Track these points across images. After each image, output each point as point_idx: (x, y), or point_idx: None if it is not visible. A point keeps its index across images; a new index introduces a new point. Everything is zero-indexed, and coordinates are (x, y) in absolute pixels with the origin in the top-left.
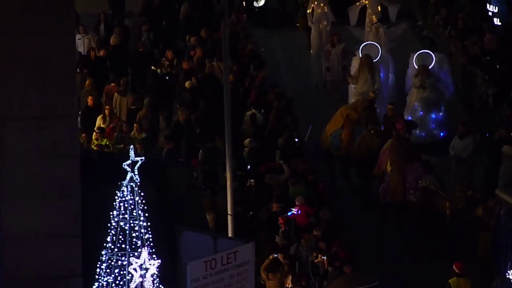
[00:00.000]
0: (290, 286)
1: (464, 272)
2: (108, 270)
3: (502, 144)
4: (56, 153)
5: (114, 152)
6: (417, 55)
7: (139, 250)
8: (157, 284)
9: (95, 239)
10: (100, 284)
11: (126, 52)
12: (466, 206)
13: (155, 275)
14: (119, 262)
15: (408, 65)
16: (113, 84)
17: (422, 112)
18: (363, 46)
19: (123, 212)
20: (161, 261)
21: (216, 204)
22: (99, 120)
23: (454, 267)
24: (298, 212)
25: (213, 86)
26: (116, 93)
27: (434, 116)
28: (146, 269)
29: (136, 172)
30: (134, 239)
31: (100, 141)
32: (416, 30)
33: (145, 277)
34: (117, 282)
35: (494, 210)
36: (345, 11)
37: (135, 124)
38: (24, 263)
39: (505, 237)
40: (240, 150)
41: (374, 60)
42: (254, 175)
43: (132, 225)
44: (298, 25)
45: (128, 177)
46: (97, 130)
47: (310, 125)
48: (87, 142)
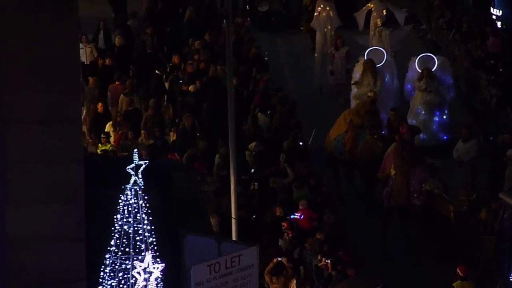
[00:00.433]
0: None
1: (468, 275)
2: (112, 274)
3: (506, 148)
4: (60, 157)
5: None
6: (419, 59)
7: (143, 254)
8: None
9: (99, 243)
10: None
11: (130, 53)
12: (470, 210)
13: (159, 279)
14: (123, 266)
15: (408, 69)
16: (118, 83)
17: (426, 116)
18: (369, 51)
19: (127, 216)
20: (165, 265)
21: (221, 208)
22: (109, 127)
23: (458, 270)
24: (301, 217)
25: (217, 90)
26: (122, 95)
27: (438, 119)
28: (150, 273)
29: (140, 176)
30: (138, 243)
31: (104, 146)
32: (420, 34)
33: (149, 281)
34: (121, 286)
35: (498, 213)
36: (351, 15)
37: (143, 131)
38: (28, 267)
39: (509, 241)
40: (242, 153)
41: (379, 65)
42: (258, 179)
43: (136, 229)
44: (302, 29)
45: (132, 181)
46: (103, 135)
47: (314, 129)
48: (96, 149)
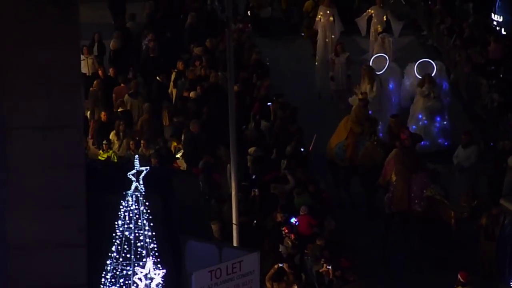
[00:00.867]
0: None
1: (469, 281)
2: (113, 280)
3: (507, 154)
4: (61, 163)
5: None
6: (418, 64)
7: (144, 260)
8: None
9: (100, 249)
10: None
11: (128, 56)
12: (471, 216)
13: (160, 285)
14: (124, 272)
15: (404, 76)
16: (123, 85)
17: (427, 121)
18: (374, 59)
19: (128, 222)
20: (166, 271)
21: (222, 214)
22: (112, 136)
23: (459, 276)
24: (296, 224)
25: (218, 96)
26: (127, 95)
27: (438, 125)
28: (151, 279)
29: (141, 182)
30: (139, 249)
31: (107, 153)
32: (421, 40)
33: (150, 287)
34: None
35: (499, 219)
36: (351, 20)
37: (142, 141)
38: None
39: (510, 246)
40: (244, 159)
41: (381, 72)
42: (259, 185)
43: (137, 235)
44: (303, 35)
45: (133, 187)
46: (105, 142)
47: (315, 135)
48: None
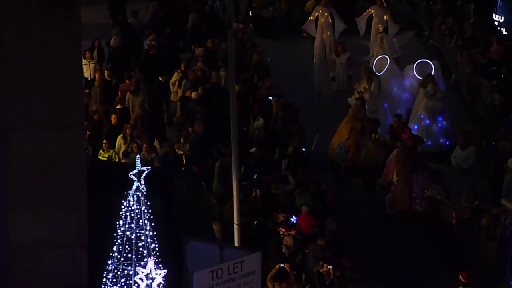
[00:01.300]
0: None
1: (470, 282)
2: (115, 280)
3: (508, 155)
4: (63, 163)
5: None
6: (417, 65)
7: (145, 260)
8: None
9: (102, 249)
10: None
11: (130, 52)
12: (472, 216)
13: (161, 285)
14: (125, 272)
15: (404, 77)
16: (128, 82)
17: (429, 121)
18: (376, 60)
19: (129, 222)
20: (167, 271)
21: (223, 214)
22: (119, 140)
23: (460, 277)
24: (295, 221)
25: (219, 96)
26: (129, 92)
27: (440, 125)
28: (152, 279)
29: (142, 182)
30: (140, 249)
31: (107, 152)
32: (422, 40)
33: (151, 287)
34: None
35: (499, 219)
36: (351, 20)
37: (144, 145)
38: (31, 273)
39: (511, 247)
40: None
41: (381, 73)
42: (260, 185)
43: (138, 235)
44: (305, 35)
45: (134, 187)
46: (105, 141)
47: (317, 135)
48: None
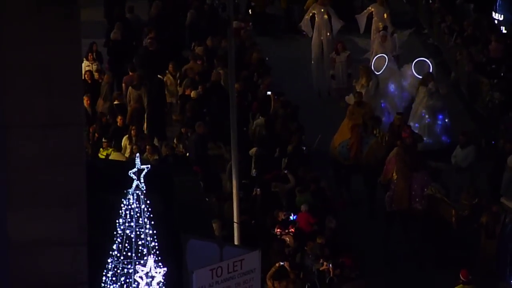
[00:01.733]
0: None
1: (470, 280)
2: (114, 278)
3: (507, 155)
4: (62, 161)
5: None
6: (415, 64)
7: (145, 258)
8: None
9: (101, 247)
10: None
11: (129, 46)
12: (472, 214)
13: (161, 283)
14: (125, 270)
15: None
16: (131, 74)
17: (430, 119)
18: (375, 59)
19: (129, 220)
20: (167, 269)
21: (223, 212)
22: (125, 140)
23: (460, 275)
24: (294, 219)
25: (219, 95)
26: (130, 87)
27: (441, 123)
28: (152, 277)
29: (142, 180)
30: (140, 247)
31: (106, 151)
32: (422, 38)
33: (151, 285)
34: None
35: (499, 217)
36: (350, 18)
37: (148, 146)
38: (30, 272)
39: (510, 245)
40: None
41: (379, 72)
42: (260, 183)
43: (138, 233)
44: (304, 33)
45: (134, 185)
46: (104, 140)
47: (320, 135)
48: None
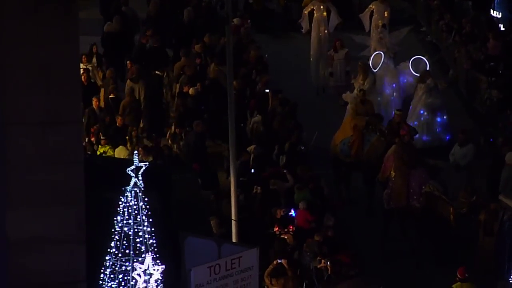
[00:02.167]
0: None
1: (468, 277)
2: (112, 276)
3: (505, 152)
4: (61, 159)
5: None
6: (412, 62)
7: (143, 256)
8: None
9: (99, 245)
10: None
11: (125, 39)
12: (470, 212)
13: (159, 281)
14: (123, 268)
15: (400, 75)
16: (131, 67)
17: (428, 117)
18: (373, 56)
19: (127, 218)
20: (165, 267)
21: (221, 210)
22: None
23: (457, 272)
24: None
25: (217, 93)
26: (129, 80)
27: (440, 120)
28: (150, 275)
29: (140, 178)
30: (138, 245)
31: (103, 148)
32: (420, 36)
33: (149, 283)
34: None
35: (497, 215)
36: (351, 16)
37: (140, 148)
38: (28, 269)
39: (509, 243)
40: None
41: (376, 70)
42: (259, 181)
43: (136, 231)
44: (302, 30)
45: (132, 183)
46: (103, 137)
47: (316, 132)
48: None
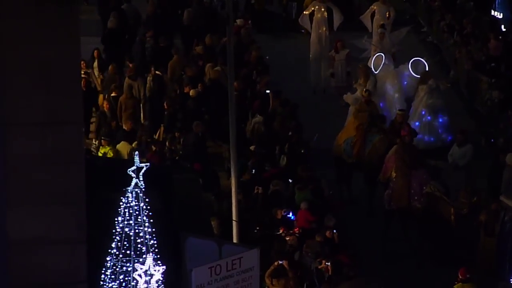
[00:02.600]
0: None
1: (469, 278)
2: (113, 276)
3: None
4: (61, 159)
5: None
6: (412, 63)
7: (144, 256)
8: None
9: (100, 245)
10: None
11: (123, 37)
12: (471, 212)
13: (160, 281)
14: (124, 268)
15: (400, 77)
16: (131, 65)
17: (430, 117)
18: (374, 58)
19: (128, 218)
20: (166, 267)
21: (222, 210)
22: (134, 145)
23: (459, 273)
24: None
25: (218, 94)
26: (127, 78)
27: (441, 121)
28: (151, 275)
29: (141, 178)
30: (139, 245)
31: (104, 148)
32: (421, 36)
33: (150, 283)
34: None
35: (498, 215)
36: (351, 17)
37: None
38: (29, 269)
39: (510, 243)
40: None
41: (377, 71)
42: (259, 182)
43: (137, 231)
44: (303, 31)
45: (133, 183)
46: (103, 138)
47: (317, 134)
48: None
